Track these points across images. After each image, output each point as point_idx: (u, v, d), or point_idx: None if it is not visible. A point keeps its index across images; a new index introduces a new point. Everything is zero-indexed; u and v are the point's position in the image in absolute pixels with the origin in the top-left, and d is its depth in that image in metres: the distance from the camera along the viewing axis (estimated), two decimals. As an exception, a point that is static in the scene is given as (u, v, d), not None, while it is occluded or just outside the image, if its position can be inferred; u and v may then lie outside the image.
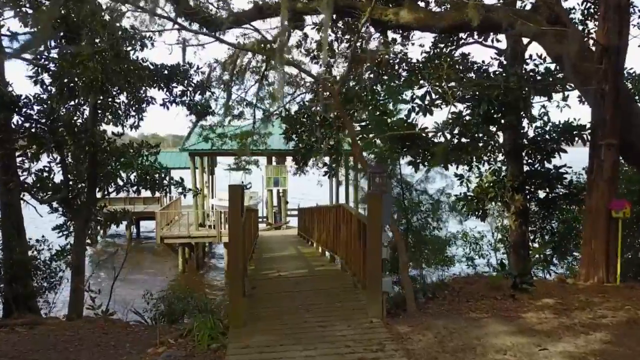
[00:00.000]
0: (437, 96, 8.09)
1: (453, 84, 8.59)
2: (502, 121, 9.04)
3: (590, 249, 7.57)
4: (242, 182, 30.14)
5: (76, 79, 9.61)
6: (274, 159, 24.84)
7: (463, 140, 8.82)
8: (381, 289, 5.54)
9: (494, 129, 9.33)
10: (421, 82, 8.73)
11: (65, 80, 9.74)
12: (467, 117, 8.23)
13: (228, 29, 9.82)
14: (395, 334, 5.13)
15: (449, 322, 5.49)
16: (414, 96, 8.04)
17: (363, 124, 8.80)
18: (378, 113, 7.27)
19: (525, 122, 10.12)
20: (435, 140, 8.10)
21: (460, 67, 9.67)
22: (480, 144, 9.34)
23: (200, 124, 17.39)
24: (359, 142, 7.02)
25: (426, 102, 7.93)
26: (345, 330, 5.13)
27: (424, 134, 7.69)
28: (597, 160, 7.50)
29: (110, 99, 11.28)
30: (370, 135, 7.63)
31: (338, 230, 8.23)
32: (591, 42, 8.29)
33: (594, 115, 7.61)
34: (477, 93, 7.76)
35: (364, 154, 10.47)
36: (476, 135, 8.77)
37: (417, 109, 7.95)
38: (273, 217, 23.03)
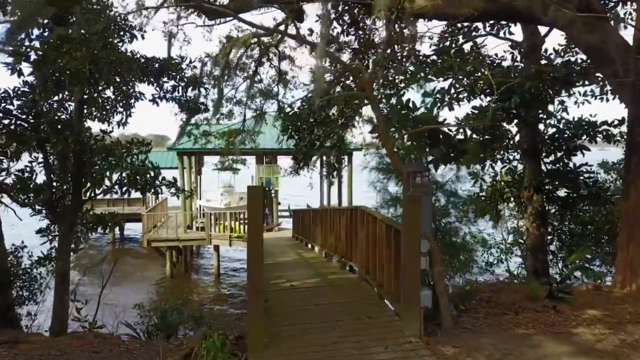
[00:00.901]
0: (461, 88, 7.48)
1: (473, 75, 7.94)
2: (523, 117, 8.44)
3: (627, 254, 7.01)
4: (230, 183, 29.37)
5: (62, 69, 8.75)
6: (264, 158, 24.10)
7: (480, 136, 8.21)
8: (420, 303, 4.87)
9: (514, 125, 8.76)
10: (437, 74, 8.07)
11: (50, 71, 8.87)
12: (491, 112, 7.61)
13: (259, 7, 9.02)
14: (441, 357, 4.47)
15: (497, 341, 4.84)
16: (435, 89, 7.41)
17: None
18: (400, 107, 6.61)
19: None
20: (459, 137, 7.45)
21: (471, 59, 9.07)
22: (495, 141, 8.75)
23: (190, 122, 16.64)
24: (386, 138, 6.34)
25: (449, 96, 7.31)
26: (383, 353, 4.44)
27: (448, 130, 7.05)
28: (636, 158, 6.95)
29: (96, 94, 10.50)
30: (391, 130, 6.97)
31: (353, 235, 7.55)
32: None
33: (632, 110, 7.04)
34: (506, 86, 7.15)
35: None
36: (497, 131, 8.18)
37: (439, 102, 7.32)
38: (264, 218, 22.25)
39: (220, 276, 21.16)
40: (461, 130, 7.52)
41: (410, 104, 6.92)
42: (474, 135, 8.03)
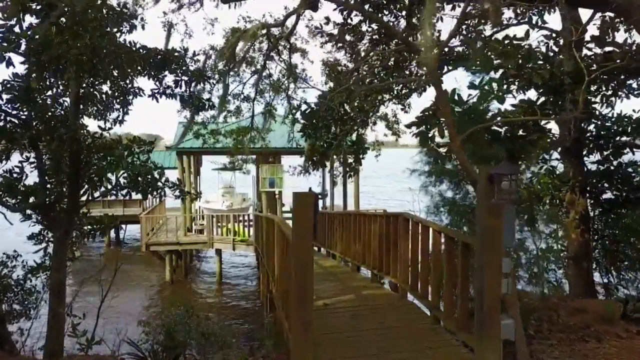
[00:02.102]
0: (511, 79, 6.60)
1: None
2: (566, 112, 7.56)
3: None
4: (231, 184, 28.33)
5: (61, 58, 7.83)
6: (260, 157, 23.11)
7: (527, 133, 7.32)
8: (500, 335, 3.99)
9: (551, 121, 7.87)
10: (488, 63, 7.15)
11: (43, 59, 7.94)
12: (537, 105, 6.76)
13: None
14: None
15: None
16: (483, 80, 6.50)
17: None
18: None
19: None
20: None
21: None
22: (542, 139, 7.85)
23: (194, 120, 15.72)
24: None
25: (499, 87, 6.42)
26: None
27: (500, 127, 6.17)
28: None
29: (93, 88, 9.63)
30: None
31: (391, 246, 6.66)
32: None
33: None
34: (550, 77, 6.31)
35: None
36: (538, 128, 7.30)
37: (489, 95, 6.43)
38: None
39: (222, 282, 20.23)
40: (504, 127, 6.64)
41: (456, 97, 6.02)
42: (521, 132, 7.15)
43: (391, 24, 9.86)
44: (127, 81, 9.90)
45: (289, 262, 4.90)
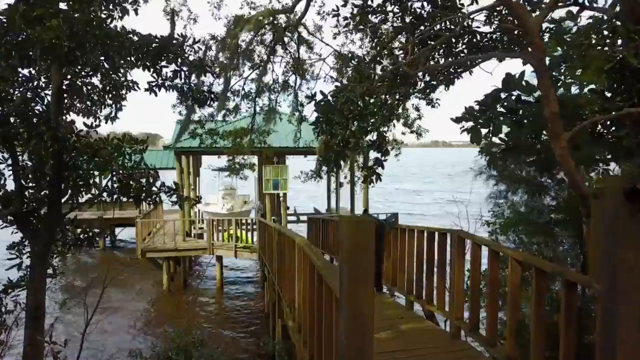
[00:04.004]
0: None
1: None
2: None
3: None
4: (232, 185, 27.03)
5: (32, 41, 6.65)
6: (257, 159, 21.84)
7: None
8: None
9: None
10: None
11: (15, 42, 6.77)
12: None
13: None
14: None
15: None
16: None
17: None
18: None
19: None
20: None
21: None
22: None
23: (193, 118, 14.51)
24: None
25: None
26: None
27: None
28: None
29: (78, 80, 8.49)
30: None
31: (440, 269, 5.45)
32: None
33: None
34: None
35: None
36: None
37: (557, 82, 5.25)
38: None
39: (223, 291, 19.02)
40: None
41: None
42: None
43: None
44: (120, 73, 8.79)
45: (315, 293, 3.71)
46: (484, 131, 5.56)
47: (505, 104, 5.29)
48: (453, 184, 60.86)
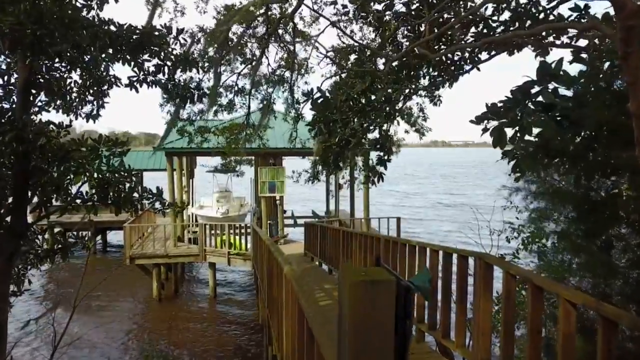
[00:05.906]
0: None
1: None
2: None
3: None
4: (227, 187, 26.05)
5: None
6: (258, 159, 20.92)
7: None
8: None
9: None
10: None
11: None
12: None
13: None
14: None
15: None
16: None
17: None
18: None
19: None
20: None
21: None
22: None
23: (181, 115, 13.59)
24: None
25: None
26: None
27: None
28: None
29: (49, 74, 7.67)
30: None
31: (459, 300, 4.54)
32: None
33: None
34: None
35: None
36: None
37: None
38: (269, 229, 19.14)
39: (216, 300, 18.09)
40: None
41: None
42: None
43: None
44: (102, 67, 7.97)
45: (305, 350, 2.83)
46: (509, 132, 4.68)
47: (540, 98, 4.40)
48: (450, 185, 59.90)
